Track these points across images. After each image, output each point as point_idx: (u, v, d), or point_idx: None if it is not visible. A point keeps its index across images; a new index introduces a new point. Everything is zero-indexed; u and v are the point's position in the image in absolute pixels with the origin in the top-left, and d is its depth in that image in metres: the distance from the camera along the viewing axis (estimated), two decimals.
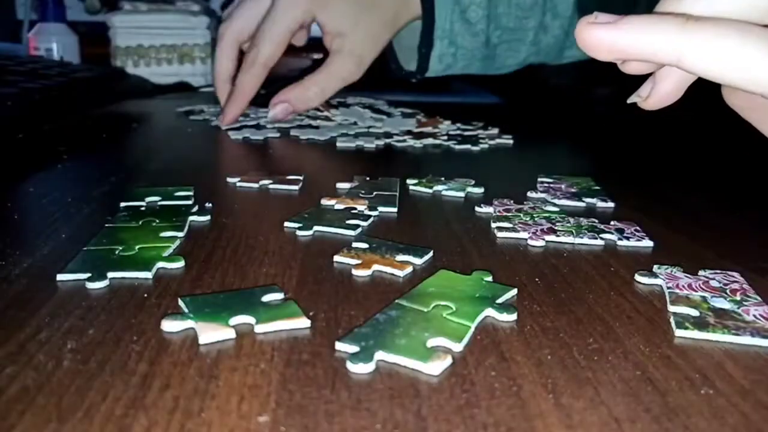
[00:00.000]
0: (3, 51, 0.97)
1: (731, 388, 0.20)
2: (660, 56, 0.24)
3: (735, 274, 0.28)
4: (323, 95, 0.60)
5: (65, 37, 0.93)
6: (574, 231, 0.34)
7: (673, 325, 0.24)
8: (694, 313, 0.25)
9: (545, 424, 0.18)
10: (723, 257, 0.31)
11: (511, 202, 0.39)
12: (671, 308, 0.25)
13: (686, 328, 0.23)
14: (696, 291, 0.27)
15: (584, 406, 0.19)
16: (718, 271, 0.29)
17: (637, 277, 0.28)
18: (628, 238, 0.33)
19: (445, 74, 0.68)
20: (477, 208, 0.38)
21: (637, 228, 0.34)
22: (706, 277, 0.28)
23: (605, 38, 0.25)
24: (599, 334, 0.23)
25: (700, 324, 0.24)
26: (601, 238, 0.33)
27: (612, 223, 0.35)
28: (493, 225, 0.35)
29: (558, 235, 0.33)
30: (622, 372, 0.21)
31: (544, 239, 0.33)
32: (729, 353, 0.22)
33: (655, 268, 0.29)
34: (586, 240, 0.33)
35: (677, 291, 0.27)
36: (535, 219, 0.36)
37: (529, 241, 0.33)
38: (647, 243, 0.33)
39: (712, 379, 0.21)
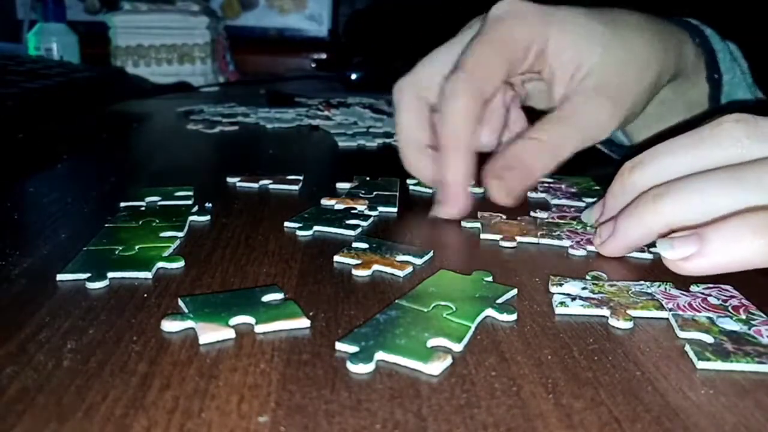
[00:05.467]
0: (3, 51, 0.97)
1: (731, 388, 0.20)
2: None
3: (728, 287, 0.27)
4: (559, 152, 0.36)
5: (65, 37, 0.93)
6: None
7: (692, 356, 0.22)
8: (708, 339, 0.23)
9: (545, 424, 0.18)
10: None
11: (572, 209, 0.38)
12: (682, 334, 0.23)
13: (708, 359, 0.22)
14: (699, 311, 0.25)
15: (584, 406, 0.19)
16: (711, 285, 0.27)
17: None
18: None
19: None
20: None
21: None
22: (702, 294, 0.27)
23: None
24: (599, 334, 0.23)
25: (720, 353, 0.22)
26: (650, 252, 0.31)
27: None
28: (539, 232, 0.33)
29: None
30: (622, 372, 0.21)
31: (586, 249, 0.32)
32: None
33: (646, 286, 0.27)
34: (634, 254, 0.31)
35: (681, 313, 0.25)
36: (587, 229, 0.34)
37: (570, 250, 0.32)
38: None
39: (712, 379, 0.21)
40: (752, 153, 0.26)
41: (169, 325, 0.22)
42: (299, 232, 0.33)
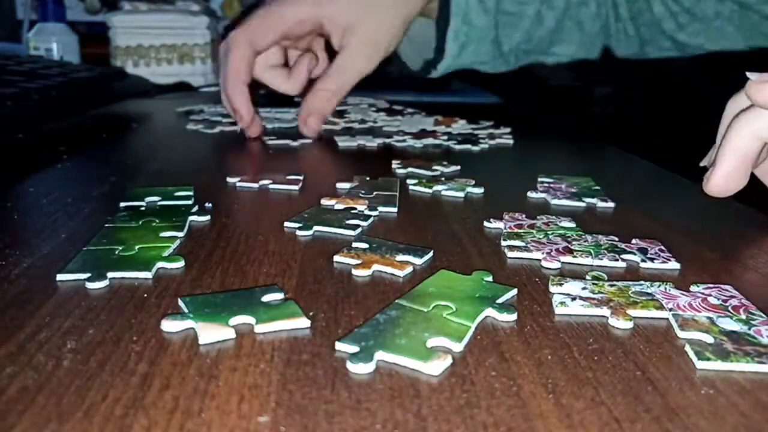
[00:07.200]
0: (3, 51, 0.97)
1: (731, 388, 0.20)
2: None
3: (728, 287, 0.27)
4: (340, 93, 0.58)
5: (65, 37, 0.93)
6: (592, 251, 0.31)
7: (692, 356, 0.22)
8: (708, 339, 0.23)
9: (545, 424, 0.18)
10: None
11: (523, 216, 0.36)
12: (682, 334, 0.23)
13: (707, 359, 0.21)
14: (699, 311, 0.25)
15: (584, 406, 0.19)
16: (711, 285, 0.27)
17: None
18: (652, 260, 0.30)
19: (459, 62, 0.66)
20: (486, 224, 0.35)
21: (662, 248, 0.31)
22: (702, 293, 0.26)
23: None
24: (599, 334, 0.23)
25: (720, 353, 0.22)
26: (623, 260, 0.30)
27: (634, 241, 0.32)
28: (504, 243, 0.32)
29: (575, 256, 0.30)
30: (622, 372, 0.21)
31: (559, 260, 0.30)
32: None
33: (646, 286, 0.27)
34: (606, 262, 0.30)
35: (681, 313, 0.25)
36: (550, 237, 0.33)
37: (543, 263, 0.30)
38: (673, 265, 0.30)
39: (712, 379, 0.21)
40: None
41: (169, 325, 0.22)
42: (299, 232, 0.33)
